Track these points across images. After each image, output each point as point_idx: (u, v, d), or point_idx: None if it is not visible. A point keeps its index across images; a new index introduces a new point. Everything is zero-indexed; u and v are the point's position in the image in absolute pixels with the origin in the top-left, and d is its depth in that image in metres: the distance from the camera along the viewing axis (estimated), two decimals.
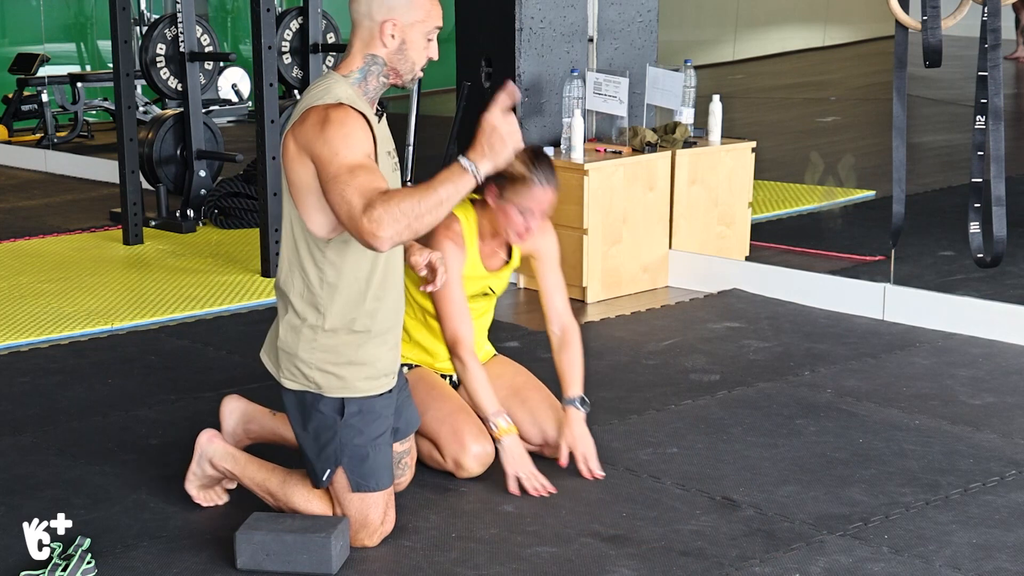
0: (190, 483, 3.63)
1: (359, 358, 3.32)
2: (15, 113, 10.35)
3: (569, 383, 3.90)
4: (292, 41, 7.92)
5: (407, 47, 3.26)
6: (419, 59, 3.29)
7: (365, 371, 3.33)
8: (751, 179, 6.22)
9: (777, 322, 5.35)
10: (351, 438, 3.33)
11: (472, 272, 3.87)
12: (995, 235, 5.12)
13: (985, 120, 5.09)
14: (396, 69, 3.28)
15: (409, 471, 3.64)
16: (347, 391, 3.32)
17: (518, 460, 3.71)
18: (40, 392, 4.62)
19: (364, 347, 3.33)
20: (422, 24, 3.26)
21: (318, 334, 3.30)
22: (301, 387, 3.35)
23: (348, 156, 3.10)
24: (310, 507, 3.41)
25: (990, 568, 3.25)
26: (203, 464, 3.59)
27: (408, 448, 3.62)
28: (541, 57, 5.98)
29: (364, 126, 3.18)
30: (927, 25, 5.05)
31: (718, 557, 3.31)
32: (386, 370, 3.40)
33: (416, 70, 3.31)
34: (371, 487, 3.34)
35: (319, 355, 3.31)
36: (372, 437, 3.34)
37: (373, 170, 3.11)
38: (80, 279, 6.18)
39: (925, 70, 5.24)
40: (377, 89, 3.30)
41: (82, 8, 11.88)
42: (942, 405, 4.38)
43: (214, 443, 3.59)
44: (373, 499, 3.35)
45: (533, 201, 3.76)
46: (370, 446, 3.34)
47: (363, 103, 3.25)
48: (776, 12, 15.17)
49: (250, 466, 3.53)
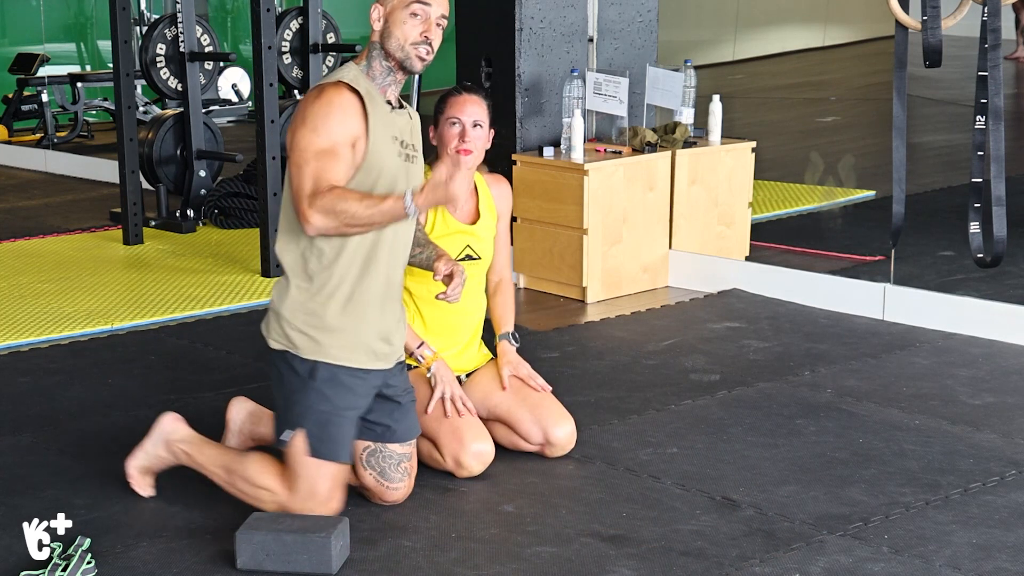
0: (136, 459, 3.67)
1: (338, 325, 3.40)
2: (15, 113, 10.36)
3: (502, 322, 4.07)
4: (292, 41, 7.91)
5: (390, 26, 3.39)
6: (404, 35, 3.38)
7: (342, 339, 3.41)
8: (751, 179, 6.22)
9: (777, 322, 5.35)
10: (317, 403, 3.40)
11: (445, 228, 3.92)
12: (995, 235, 5.12)
13: (985, 120, 5.09)
14: (389, 51, 3.40)
15: (409, 479, 3.63)
16: (321, 355, 3.40)
17: (447, 381, 3.82)
18: (40, 392, 4.62)
19: (343, 316, 3.41)
20: (400, 1, 3.38)
21: (304, 296, 3.41)
22: (282, 347, 3.45)
23: (320, 138, 3.29)
24: (264, 479, 3.46)
25: (990, 568, 3.25)
26: (157, 445, 3.65)
27: (409, 452, 3.62)
28: (541, 57, 5.98)
29: (354, 108, 3.32)
30: (927, 25, 5.05)
31: (718, 557, 3.31)
32: (367, 348, 3.45)
33: (407, 48, 3.39)
34: (326, 455, 3.40)
35: (301, 316, 3.41)
36: (339, 407, 3.41)
37: (338, 159, 3.29)
38: (80, 279, 6.18)
39: (925, 70, 5.24)
40: (383, 74, 3.43)
41: (82, 8, 11.88)
42: (942, 405, 4.38)
43: (178, 426, 3.66)
44: (326, 469, 3.41)
45: (455, 108, 3.89)
46: (335, 414, 3.41)
47: (371, 87, 3.38)
48: (776, 12, 15.17)
49: (207, 446, 3.61)
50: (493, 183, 4.08)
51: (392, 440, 3.57)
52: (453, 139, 3.88)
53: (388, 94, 3.45)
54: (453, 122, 3.88)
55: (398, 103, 3.50)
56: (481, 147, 3.92)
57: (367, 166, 3.35)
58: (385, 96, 3.43)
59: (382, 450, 3.58)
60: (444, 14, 3.42)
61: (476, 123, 3.89)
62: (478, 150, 3.91)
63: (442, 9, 3.41)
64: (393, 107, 3.45)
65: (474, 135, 3.89)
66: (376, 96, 3.40)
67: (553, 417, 3.91)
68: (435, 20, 3.40)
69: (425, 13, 3.38)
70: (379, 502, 3.61)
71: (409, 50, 3.39)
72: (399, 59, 3.40)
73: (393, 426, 3.56)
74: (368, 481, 3.59)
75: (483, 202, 4.02)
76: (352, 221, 3.25)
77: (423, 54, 3.40)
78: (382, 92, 3.43)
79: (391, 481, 3.59)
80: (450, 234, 3.93)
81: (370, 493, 3.62)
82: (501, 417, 3.94)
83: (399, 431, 3.57)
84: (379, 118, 3.37)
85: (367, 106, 3.34)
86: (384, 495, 3.60)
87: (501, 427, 3.95)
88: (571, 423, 3.94)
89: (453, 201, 3.32)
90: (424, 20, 3.38)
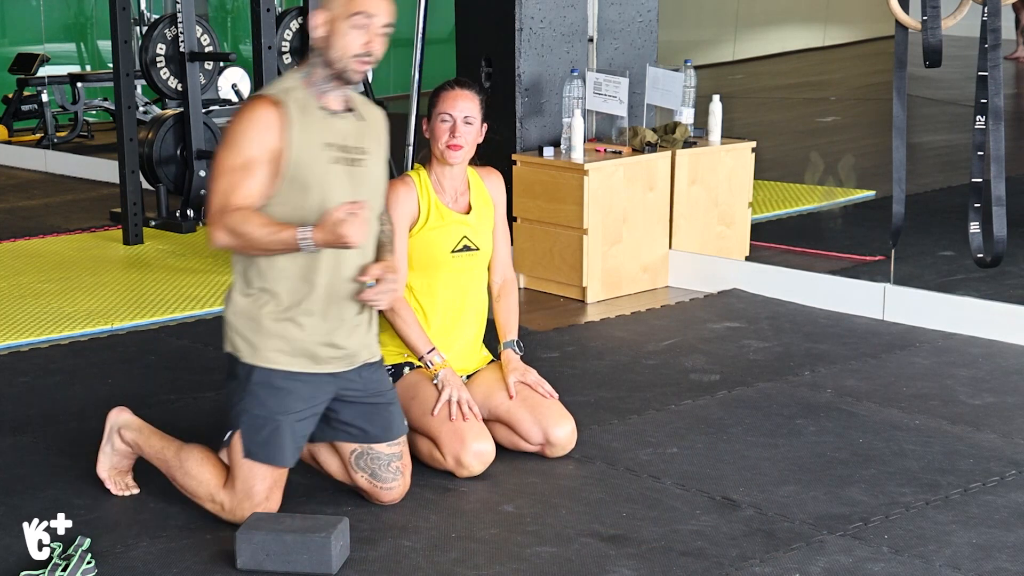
0: (101, 465, 3.72)
1: (274, 331, 3.42)
2: (15, 113, 10.35)
3: (506, 330, 4.06)
4: (292, 41, 7.91)
5: (333, 36, 3.38)
6: (346, 47, 3.37)
7: (278, 344, 3.43)
8: (751, 179, 6.22)
9: (777, 322, 5.35)
10: (252, 406, 3.44)
11: (440, 220, 3.94)
12: (995, 235, 5.12)
13: (985, 120, 5.09)
14: (329, 60, 3.39)
15: (403, 478, 3.62)
16: (258, 359, 3.44)
17: (455, 385, 3.83)
18: (40, 392, 4.62)
19: (278, 323, 3.43)
20: (344, 9, 3.37)
21: (245, 302, 3.45)
22: (228, 350, 3.50)
23: (235, 154, 3.32)
24: (201, 471, 3.51)
25: (990, 568, 3.25)
26: (113, 438, 3.69)
27: (398, 452, 3.61)
28: (541, 57, 5.98)
29: (271, 123, 3.34)
30: (927, 25, 5.05)
31: (718, 557, 3.31)
32: (306, 352, 3.45)
33: (347, 60, 3.37)
34: (259, 457, 3.43)
35: (241, 320, 3.45)
36: (274, 411, 3.43)
37: (251, 176, 3.31)
38: (80, 279, 6.18)
39: (925, 70, 5.24)
40: (323, 82, 3.42)
41: (82, 8, 11.88)
42: (942, 405, 4.38)
43: (123, 415, 3.71)
44: (260, 470, 3.43)
45: (446, 103, 3.91)
46: (270, 418, 3.42)
47: (306, 95, 3.39)
48: (776, 12, 15.17)
49: (153, 436, 3.64)
50: (484, 174, 4.09)
51: (372, 441, 3.58)
52: (444, 134, 3.90)
53: (329, 100, 3.43)
54: (444, 118, 3.90)
55: (343, 107, 3.47)
56: (472, 142, 3.94)
57: (292, 177, 3.35)
58: (325, 102, 3.42)
59: (369, 451, 3.58)
60: (388, 22, 3.40)
61: (467, 119, 3.91)
62: (468, 145, 3.93)
63: (386, 18, 3.39)
64: (333, 112, 3.43)
65: (464, 131, 3.90)
66: (309, 104, 3.39)
67: (553, 417, 3.91)
68: (378, 30, 3.39)
69: (368, 24, 3.37)
70: (377, 502, 3.61)
71: (349, 62, 3.37)
72: (338, 69, 3.39)
73: (368, 428, 3.57)
74: (362, 483, 3.60)
75: (476, 193, 4.04)
76: (251, 244, 3.31)
77: (363, 65, 3.39)
78: (320, 98, 3.42)
79: (383, 482, 3.59)
80: (445, 225, 3.95)
81: (367, 494, 3.62)
82: (501, 417, 3.95)
83: (374, 432, 3.58)
84: (307, 127, 3.36)
85: (291, 116, 3.34)
86: (379, 496, 3.60)
87: (501, 427, 3.96)
88: (571, 423, 3.94)
89: (344, 244, 3.28)
90: (367, 31, 3.37)
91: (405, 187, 3.94)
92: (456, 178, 3.99)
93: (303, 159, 3.35)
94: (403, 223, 3.91)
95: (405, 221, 3.92)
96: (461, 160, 3.94)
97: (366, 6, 3.36)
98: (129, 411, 3.73)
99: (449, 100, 3.92)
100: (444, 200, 3.97)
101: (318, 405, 3.50)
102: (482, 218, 4.03)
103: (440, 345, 3.92)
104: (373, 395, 3.58)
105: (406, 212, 3.92)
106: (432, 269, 3.94)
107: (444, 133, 3.90)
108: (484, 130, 3.99)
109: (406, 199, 3.93)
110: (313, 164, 3.36)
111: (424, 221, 3.93)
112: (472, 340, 4.07)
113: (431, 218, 3.94)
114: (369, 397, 3.57)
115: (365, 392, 3.57)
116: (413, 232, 3.92)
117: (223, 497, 3.46)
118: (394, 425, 3.62)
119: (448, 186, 3.99)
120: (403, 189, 3.93)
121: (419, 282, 3.94)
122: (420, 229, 3.93)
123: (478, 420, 3.82)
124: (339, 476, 3.68)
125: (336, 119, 3.43)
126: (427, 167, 3.99)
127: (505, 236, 4.13)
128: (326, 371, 3.49)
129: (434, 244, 3.93)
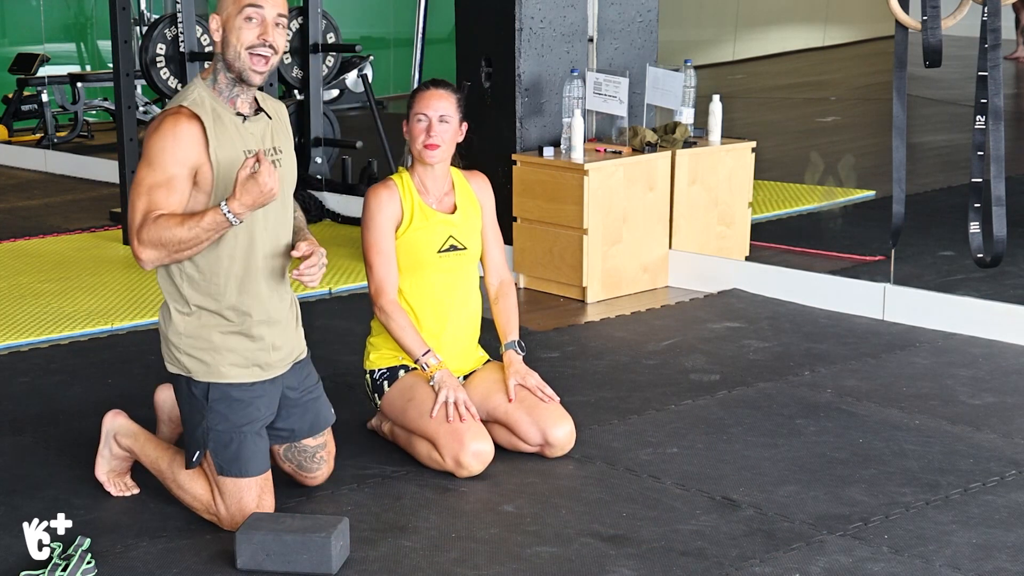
0: (99, 468, 3.72)
1: (224, 344, 3.42)
2: (15, 113, 10.35)
3: (507, 331, 4.06)
4: (292, 41, 7.91)
5: (228, 34, 3.36)
6: (240, 41, 3.34)
7: (230, 358, 3.43)
8: (751, 179, 6.22)
9: (777, 322, 5.35)
10: (216, 423, 3.43)
11: (424, 221, 3.95)
12: (995, 235, 5.12)
13: (985, 120, 5.09)
14: (228, 62, 3.37)
15: (326, 465, 3.72)
16: (213, 376, 3.43)
17: (452, 386, 3.83)
18: (40, 392, 4.62)
19: (226, 336, 3.43)
20: (234, 7, 3.35)
21: (183, 319, 3.43)
22: (177, 370, 3.48)
23: (155, 172, 3.28)
24: (193, 486, 3.50)
25: (990, 568, 3.25)
26: (109, 443, 3.70)
27: (322, 442, 3.70)
28: (541, 57, 5.98)
29: (191, 136, 3.30)
30: (927, 25, 5.05)
31: (718, 557, 3.31)
32: (257, 360, 3.47)
33: (243, 55, 3.34)
34: (234, 473, 3.43)
35: (185, 340, 3.43)
36: (238, 424, 3.43)
37: (171, 191, 3.28)
38: (80, 279, 6.18)
39: (925, 70, 5.24)
40: (229, 86, 3.40)
41: (82, 8, 11.88)
42: (942, 405, 4.38)
43: (118, 419, 3.71)
44: (241, 484, 3.44)
45: (422, 103, 3.92)
46: (235, 433, 3.43)
47: (217, 103, 3.36)
48: (776, 12, 15.16)
49: (148, 444, 3.65)
50: (470, 176, 4.10)
51: (301, 438, 3.65)
52: (420, 134, 3.91)
53: (238, 104, 3.42)
54: (420, 118, 3.91)
55: (253, 109, 3.46)
56: (449, 140, 3.94)
57: (218, 189, 3.35)
58: (235, 108, 3.41)
59: (295, 446, 3.67)
60: (281, 13, 3.38)
61: (442, 118, 3.91)
62: (445, 144, 3.93)
63: (277, 8, 3.37)
64: (246, 117, 3.43)
65: (440, 130, 3.91)
66: (223, 112, 3.38)
67: (551, 418, 3.91)
68: (272, 21, 3.36)
69: (260, 15, 3.35)
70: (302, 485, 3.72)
71: (245, 57, 3.34)
72: (237, 69, 3.36)
73: (296, 428, 3.63)
74: (288, 470, 3.71)
75: (461, 194, 4.04)
76: (180, 246, 3.25)
77: (260, 61, 3.35)
78: (231, 104, 3.41)
79: (308, 471, 3.70)
80: (430, 225, 3.95)
81: (293, 477, 3.72)
82: (499, 419, 3.95)
83: (301, 430, 3.64)
84: (226, 137, 3.36)
85: (209, 129, 3.33)
86: (304, 482, 3.73)
87: (500, 429, 3.95)
88: (570, 423, 3.94)
89: (268, 195, 3.21)
90: (260, 23, 3.35)
91: (387, 191, 3.95)
92: (439, 179, 4.00)
93: (226, 170, 3.34)
94: (388, 226, 3.92)
95: (390, 224, 3.93)
96: (439, 159, 3.94)
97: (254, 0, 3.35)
98: (124, 415, 3.73)
99: (424, 100, 3.93)
100: (428, 201, 3.98)
101: (275, 406, 3.55)
102: (468, 218, 4.03)
103: (433, 346, 3.93)
104: (306, 391, 3.65)
105: (390, 215, 3.93)
106: (419, 270, 3.95)
107: (421, 133, 3.92)
108: (464, 129, 4.00)
109: (388, 203, 3.93)
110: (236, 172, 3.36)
111: (408, 222, 3.94)
112: (466, 340, 4.07)
113: (415, 219, 3.94)
114: (304, 394, 3.63)
115: (301, 389, 3.62)
116: (398, 234, 3.93)
117: (217, 510, 3.47)
118: (320, 418, 3.69)
119: (431, 187, 3.99)
120: (385, 193, 3.94)
121: (407, 284, 3.95)
122: (405, 231, 3.94)
123: (476, 420, 3.82)
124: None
125: (249, 123, 3.43)
126: (410, 170, 4.01)
127: (497, 238, 4.13)
128: (274, 375, 3.52)
129: (419, 245, 3.94)
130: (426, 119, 3.91)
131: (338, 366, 4.74)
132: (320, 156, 7.63)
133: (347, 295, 5.88)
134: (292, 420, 3.61)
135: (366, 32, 12.58)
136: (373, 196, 3.93)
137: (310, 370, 3.69)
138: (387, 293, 3.92)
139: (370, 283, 3.95)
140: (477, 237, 4.05)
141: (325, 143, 7.74)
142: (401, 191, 3.96)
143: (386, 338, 3.97)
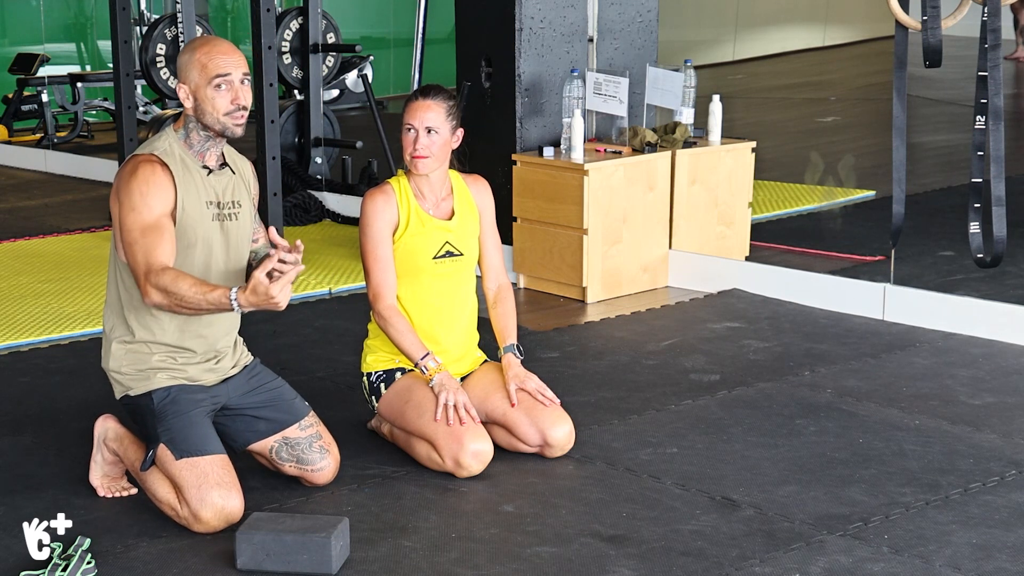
0: (93, 474, 3.76)
1: (163, 365, 3.56)
2: (15, 113, 10.35)
3: (505, 334, 4.04)
4: (292, 41, 7.91)
5: (201, 103, 3.49)
6: (216, 109, 3.49)
7: (167, 374, 3.58)
8: (751, 179, 6.22)
9: (777, 322, 5.35)
10: (167, 416, 3.52)
11: (420, 226, 3.94)
12: (995, 235, 5.12)
13: (985, 120, 5.09)
14: (206, 124, 3.51)
15: (330, 456, 3.73)
16: (152, 385, 3.57)
17: (451, 388, 3.82)
18: (40, 392, 4.62)
19: (165, 360, 3.56)
20: (202, 78, 3.47)
21: (125, 349, 3.57)
22: (122, 394, 3.61)
23: (142, 215, 3.42)
24: (159, 489, 3.54)
25: (990, 568, 3.25)
26: (101, 448, 3.74)
27: (315, 432, 3.73)
28: (541, 57, 5.98)
29: (166, 182, 3.45)
30: (927, 25, 5.05)
31: (718, 557, 3.31)
32: (192, 377, 3.59)
33: (223, 120, 3.49)
34: (191, 451, 3.48)
35: (126, 364, 3.58)
36: (186, 410, 3.53)
37: (163, 233, 3.42)
38: (80, 279, 6.18)
39: (925, 70, 5.24)
40: (202, 142, 3.55)
41: (82, 8, 11.88)
42: (942, 405, 4.38)
43: (108, 423, 3.75)
44: (201, 464, 3.47)
45: (409, 114, 3.91)
46: (184, 415, 3.52)
47: (186, 155, 3.51)
48: (776, 12, 15.16)
49: (130, 448, 3.69)
50: (470, 181, 4.09)
51: (283, 428, 3.69)
52: (408, 145, 3.91)
53: (207, 158, 3.56)
54: (408, 128, 3.91)
55: (219, 163, 3.60)
56: (438, 151, 3.91)
57: (179, 234, 3.47)
58: (203, 161, 3.55)
59: (285, 441, 3.68)
60: (245, 71, 3.52)
61: (430, 128, 3.89)
62: (433, 155, 3.90)
63: (241, 68, 3.51)
64: (212, 170, 3.56)
65: (426, 141, 3.89)
66: (191, 164, 3.52)
67: (550, 418, 3.91)
68: (239, 81, 3.49)
69: (228, 81, 3.48)
70: (312, 485, 3.70)
71: (225, 120, 3.49)
72: (218, 130, 3.51)
73: (274, 416, 3.69)
74: (292, 472, 3.69)
75: (459, 199, 4.03)
76: (183, 304, 3.37)
77: (239, 120, 3.50)
78: (200, 157, 3.55)
79: (312, 464, 3.68)
80: (426, 232, 3.95)
81: (303, 481, 3.71)
82: (498, 420, 3.95)
83: (281, 417, 3.69)
84: (192, 188, 3.51)
85: (177, 177, 3.47)
86: (312, 479, 3.70)
87: (499, 429, 3.95)
88: (568, 423, 3.94)
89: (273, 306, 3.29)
90: (229, 88, 3.48)
91: (384, 196, 3.94)
92: (436, 184, 3.99)
93: (191, 221, 3.49)
94: (385, 231, 3.92)
95: (387, 229, 3.92)
96: (427, 170, 3.92)
97: (220, 69, 3.47)
98: (114, 419, 3.76)
99: (411, 111, 3.92)
100: (425, 206, 3.97)
101: (217, 399, 3.62)
102: (465, 223, 4.02)
103: (432, 350, 3.92)
104: (262, 384, 3.71)
105: (387, 220, 3.92)
106: (415, 276, 3.95)
107: (409, 144, 3.91)
108: (459, 136, 3.97)
109: (385, 208, 3.92)
110: (198, 224, 3.51)
111: (405, 228, 3.93)
112: (464, 344, 4.06)
113: (411, 225, 3.93)
114: (261, 387, 3.70)
115: (254, 385, 3.70)
116: (395, 240, 3.93)
117: (184, 509, 3.47)
118: (295, 406, 3.73)
119: (428, 192, 3.98)
120: (381, 198, 3.93)
121: (405, 290, 3.94)
122: (401, 236, 3.93)
123: (476, 423, 3.82)
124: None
125: (214, 177, 3.57)
126: (408, 174, 3.99)
127: (496, 243, 4.12)
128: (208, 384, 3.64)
129: (416, 251, 3.93)
130: (414, 130, 3.90)
131: (338, 366, 4.74)
132: (320, 156, 7.64)
133: (347, 295, 5.88)
134: (264, 411, 3.68)
135: (366, 32, 12.59)
136: (370, 201, 3.93)
137: (260, 370, 3.76)
138: (385, 298, 3.92)
139: (368, 288, 3.95)
140: (474, 242, 4.05)
141: (325, 143, 7.75)
142: (398, 196, 3.95)
143: (383, 341, 3.98)
